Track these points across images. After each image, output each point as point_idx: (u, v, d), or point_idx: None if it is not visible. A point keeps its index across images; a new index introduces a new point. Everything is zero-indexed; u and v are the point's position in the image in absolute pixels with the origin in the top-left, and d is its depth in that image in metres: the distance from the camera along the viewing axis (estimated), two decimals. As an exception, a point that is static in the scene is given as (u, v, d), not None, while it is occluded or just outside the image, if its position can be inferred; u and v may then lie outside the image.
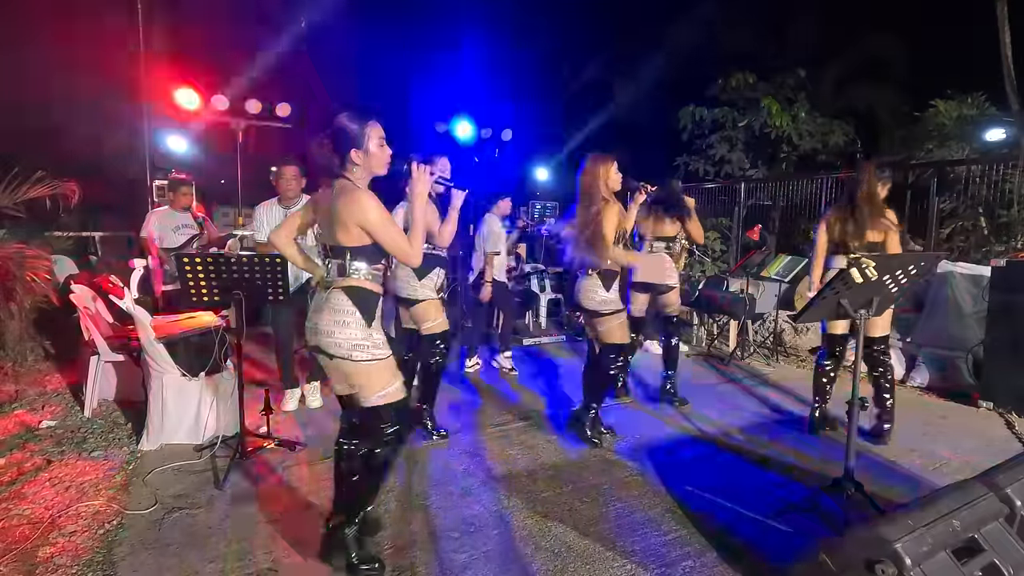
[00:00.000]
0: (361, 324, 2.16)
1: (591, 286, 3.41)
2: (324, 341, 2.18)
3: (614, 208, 3.35)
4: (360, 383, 2.21)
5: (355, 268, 2.17)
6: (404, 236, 2.17)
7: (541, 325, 7.34)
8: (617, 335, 3.44)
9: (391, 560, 2.34)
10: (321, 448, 3.41)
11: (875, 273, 2.42)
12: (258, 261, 3.13)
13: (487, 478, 3.11)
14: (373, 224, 2.10)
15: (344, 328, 2.15)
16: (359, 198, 2.09)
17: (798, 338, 6.22)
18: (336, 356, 2.18)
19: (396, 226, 2.16)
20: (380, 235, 2.12)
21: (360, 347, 2.16)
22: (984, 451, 3.47)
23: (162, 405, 3.40)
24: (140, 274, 5.00)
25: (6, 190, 4.41)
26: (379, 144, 2.18)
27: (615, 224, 3.32)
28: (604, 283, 3.39)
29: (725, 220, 8.74)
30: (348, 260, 2.16)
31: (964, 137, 8.05)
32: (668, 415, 4.15)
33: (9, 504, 2.75)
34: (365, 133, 2.15)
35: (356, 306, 2.16)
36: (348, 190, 2.13)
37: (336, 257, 2.18)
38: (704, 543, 2.50)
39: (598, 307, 3.42)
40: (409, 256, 2.17)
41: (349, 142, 2.14)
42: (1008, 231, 6.34)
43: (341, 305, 2.15)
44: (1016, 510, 1.79)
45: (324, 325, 2.16)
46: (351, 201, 2.09)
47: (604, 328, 3.45)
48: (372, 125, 2.17)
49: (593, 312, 3.45)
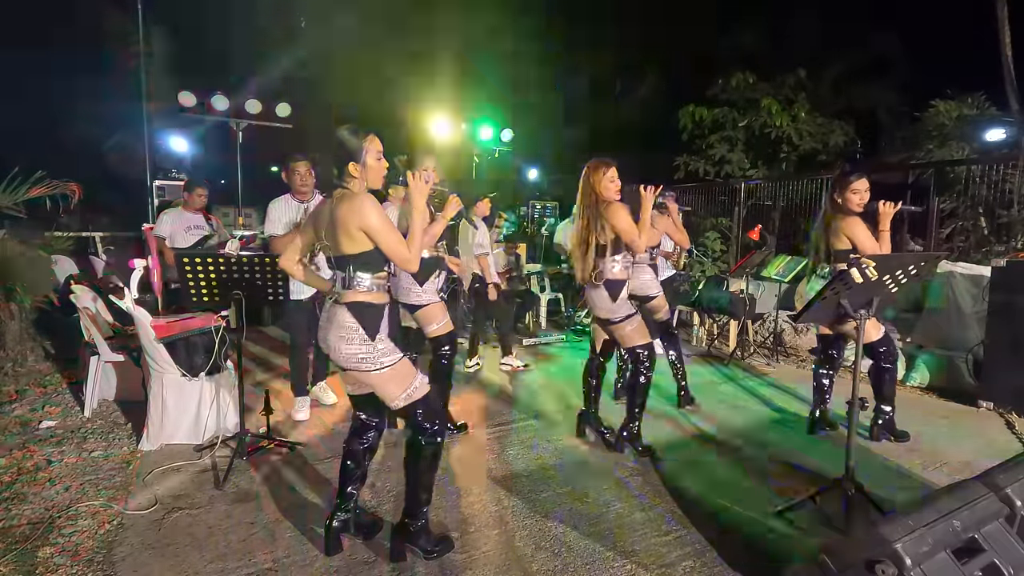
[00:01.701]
0: (364, 339, 2.21)
1: (598, 296, 3.38)
2: (334, 355, 2.25)
3: (621, 206, 3.30)
4: (380, 391, 2.28)
5: (358, 279, 2.21)
6: (404, 242, 2.20)
7: (541, 325, 7.34)
8: (636, 338, 3.41)
9: (391, 560, 2.34)
10: (322, 448, 3.41)
11: (875, 273, 2.42)
12: (258, 261, 3.14)
13: (487, 478, 3.10)
14: (374, 228, 2.13)
15: (348, 344, 2.21)
16: (361, 202, 2.14)
17: (798, 338, 6.22)
18: (347, 369, 2.26)
19: (396, 232, 2.20)
20: (380, 239, 2.15)
21: (366, 360, 2.21)
22: (984, 451, 3.47)
23: (162, 405, 3.40)
24: (140, 274, 5.00)
25: (6, 190, 4.42)
26: (376, 158, 2.24)
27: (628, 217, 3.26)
28: (611, 292, 3.35)
29: (725, 220, 8.74)
30: (351, 271, 2.21)
31: (964, 137, 8.05)
32: (668, 415, 4.15)
33: (9, 504, 2.75)
34: (363, 147, 2.20)
35: (359, 321, 2.21)
36: (349, 196, 2.17)
37: (340, 269, 2.23)
38: (704, 543, 2.50)
39: (608, 315, 3.40)
40: (408, 262, 2.21)
41: (348, 155, 2.19)
42: (1008, 231, 6.34)
43: (345, 321, 2.21)
44: (1016, 510, 1.79)
45: (332, 340, 2.23)
46: (353, 206, 2.13)
47: (621, 334, 3.44)
48: (371, 139, 2.22)
49: (605, 320, 3.45)
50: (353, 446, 2.41)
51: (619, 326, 3.39)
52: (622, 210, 3.26)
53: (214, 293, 3.12)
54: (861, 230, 3.31)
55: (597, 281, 3.34)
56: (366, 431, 2.43)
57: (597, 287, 3.36)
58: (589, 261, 3.32)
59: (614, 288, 3.34)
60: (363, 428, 2.43)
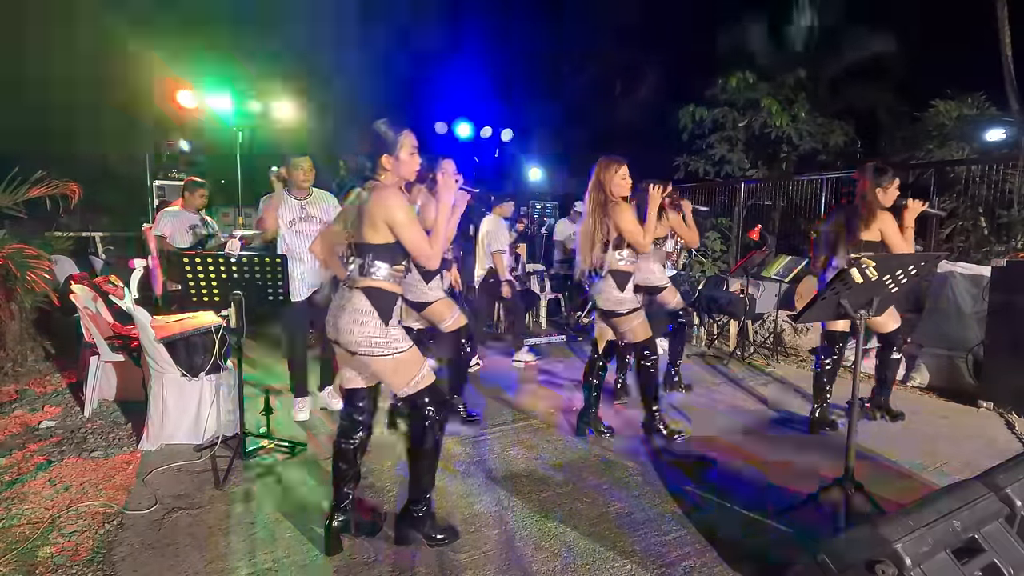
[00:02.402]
0: (378, 323, 2.25)
1: (605, 287, 3.44)
2: (344, 339, 2.27)
3: (627, 206, 3.37)
4: (387, 378, 2.32)
5: (375, 267, 2.25)
6: (426, 238, 2.25)
7: (541, 325, 7.34)
8: (640, 333, 3.47)
9: (391, 560, 2.34)
10: (322, 448, 3.41)
11: (875, 273, 2.42)
12: (258, 261, 3.13)
13: (487, 478, 3.10)
14: (399, 222, 2.19)
15: (362, 327, 2.24)
16: (389, 195, 2.21)
17: (798, 338, 6.22)
18: (357, 353, 2.28)
19: (419, 228, 2.25)
20: (404, 234, 2.21)
21: (379, 344, 2.25)
22: (984, 451, 3.47)
23: (162, 405, 3.40)
24: (140, 274, 5.00)
25: (6, 190, 4.42)
26: (410, 153, 2.31)
27: (633, 218, 3.35)
28: (617, 283, 3.41)
29: (725, 220, 8.74)
30: (369, 259, 2.25)
31: (964, 137, 8.06)
32: (668, 416, 4.14)
33: (9, 504, 2.75)
34: (399, 141, 2.27)
35: (374, 306, 2.25)
36: (379, 188, 2.24)
37: (359, 256, 2.28)
38: (704, 543, 2.50)
39: (614, 307, 3.44)
40: (429, 257, 2.26)
41: (383, 147, 2.26)
42: (1008, 231, 6.35)
43: (360, 304, 2.24)
44: (1016, 510, 1.79)
45: (344, 324, 2.26)
46: (381, 198, 2.20)
47: (625, 328, 3.47)
48: (407, 134, 2.30)
49: (611, 312, 3.47)
50: (343, 446, 2.42)
51: (625, 319, 3.45)
52: (628, 211, 3.34)
53: (214, 293, 3.12)
54: (892, 225, 3.46)
55: (603, 272, 3.42)
56: (355, 430, 2.43)
57: (604, 278, 3.43)
58: (596, 255, 3.39)
59: (620, 279, 3.42)
60: (352, 427, 2.43)
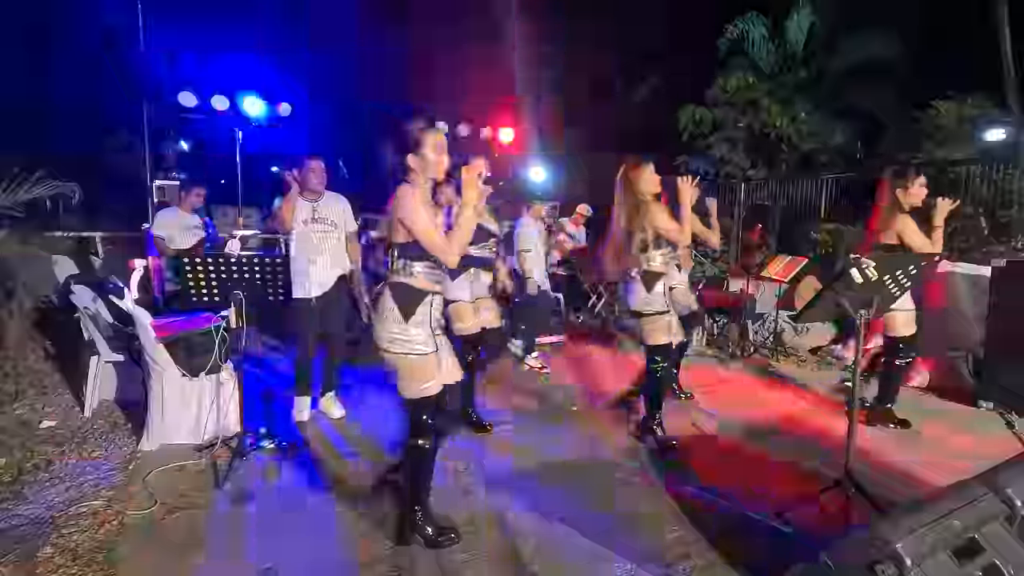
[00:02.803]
0: (397, 319, 2.27)
1: (635, 288, 3.44)
2: (375, 335, 2.33)
3: (660, 204, 3.40)
4: (399, 376, 2.34)
5: (407, 265, 2.29)
6: (440, 234, 2.26)
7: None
8: (658, 337, 3.43)
9: (391, 560, 2.34)
10: (322, 449, 3.41)
11: (875, 273, 2.42)
12: (258, 261, 3.13)
13: (487, 478, 3.10)
14: (407, 219, 2.22)
15: (383, 323, 2.29)
16: (402, 195, 2.24)
17: (798, 338, 6.21)
18: (379, 348, 2.32)
19: (429, 223, 2.24)
20: (414, 230, 2.23)
21: (396, 341, 2.28)
22: (984, 451, 3.47)
23: (162, 405, 3.40)
24: (140, 274, 5.00)
25: (6, 190, 4.41)
26: (435, 150, 2.29)
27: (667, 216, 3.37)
28: (646, 284, 3.39)
29: (725, 220, 8.74)
30: (395, 257, 2.30)
31: (964, 137, 8.05)
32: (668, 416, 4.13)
33: (9, 504, 2.75)
34: (419, 139, 2.27)
35: (395, 302, 2.28)
36: (400, 189, 2.27)
37: (391, 255, 2.33)
38: (704, 543, 2.50)
39: (640, 307, 3.44)
40: (446, 254, 2.26)
41: (406, 146, 2.27)
42: (1008, 231, 6.34)
43: (385, 301, 2.29)
44: (1016, 510, 1.78)
45: (375, 320, 2.33)
46: (396, 198, 2.25)
47: (646, 329, 3.46)
48: (429, 131, 2.28)
49: (636, 312, 3.48)
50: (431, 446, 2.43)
51: (649, 320, 3.43)
52: (662, 211, 3.37)
53: (214, 293, 3.12)
54: (912, 226, 3.51)
55: (635, 275, 3.41)
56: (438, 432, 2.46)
57: (634, 280, 3.42)
58: (627, 257, 3.39)
59: (650, 279, 3.40)
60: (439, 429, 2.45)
